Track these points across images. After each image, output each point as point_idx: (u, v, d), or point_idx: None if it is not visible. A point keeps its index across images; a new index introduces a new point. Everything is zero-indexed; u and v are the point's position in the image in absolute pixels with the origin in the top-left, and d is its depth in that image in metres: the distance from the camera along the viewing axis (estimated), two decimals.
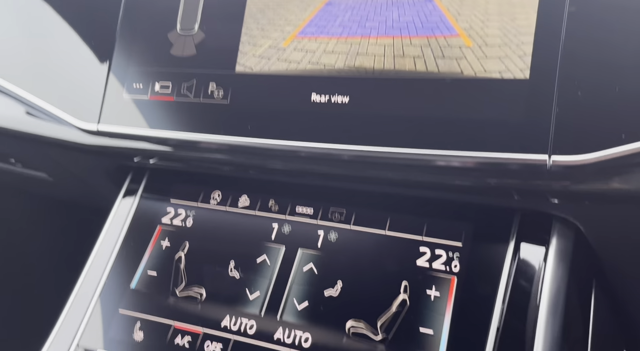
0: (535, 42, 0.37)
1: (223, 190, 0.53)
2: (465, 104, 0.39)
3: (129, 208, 0.55)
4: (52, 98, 0.54)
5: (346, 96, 0.43)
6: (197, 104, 0.48)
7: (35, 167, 0.72)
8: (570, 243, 0.42)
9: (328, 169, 0.44)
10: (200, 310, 0.46)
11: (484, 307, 0.40)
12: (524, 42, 0.38)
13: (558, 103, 0.36)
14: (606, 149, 0.34)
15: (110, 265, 0.52)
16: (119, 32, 0.52)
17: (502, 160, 0.37)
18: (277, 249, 0.47)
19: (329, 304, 0.43)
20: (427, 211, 0.45)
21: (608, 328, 0.51)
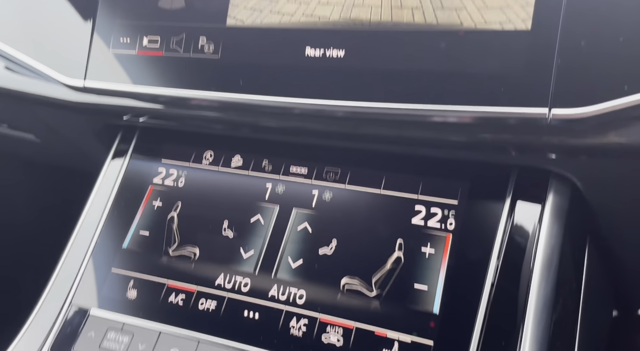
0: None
1: (215, 150, 0.51)
2: (464, 57, 0.38)
3: (119, 168, 0.54)
4: (36, 53, 0.52)
5: (341, 50, 0.41)
6: (187, 59, 0.46)
7: (22, 129, 0.71)
8: (566, 200, 0.42)
9: (322, 126, 0.43)
10: (193, 269, 0.46)
11: (479, 264, 0.40)
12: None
13: (560, 54, 0.35)
14: (608, 101, 0.34)
15: (101, 225, 0.51)
16: None
17: (501, 114, 0.36)
18: (271, 208, 0.47)
19: (324, 262, 0.43)
20: (423, 169, 0.44)
21: (599, 284, 0.51)
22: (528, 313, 0.38)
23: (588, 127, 0.35)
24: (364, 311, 0.40)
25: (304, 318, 0.41)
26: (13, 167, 0.87)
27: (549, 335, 0.38)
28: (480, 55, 0.37)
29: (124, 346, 0.43)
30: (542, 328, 0.38)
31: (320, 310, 0.41)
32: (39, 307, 0.48)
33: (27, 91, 0.55)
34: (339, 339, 0.40)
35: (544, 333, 0.38)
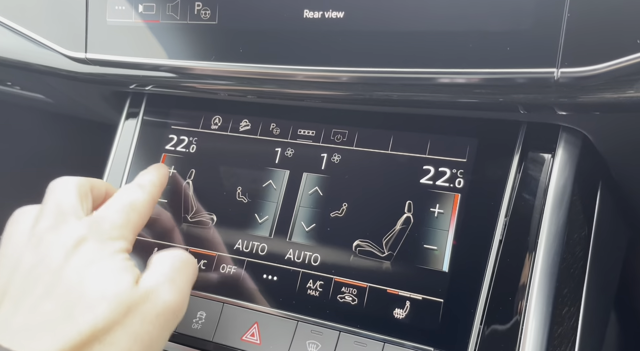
0: None
1: (223, 114, 0.52)
2: (469, 14, 0.36)
3: (132, 136, 0.55)
4: (38, 27, 0.52)
5: (341, 11, 0.40)
6: (184, 25, 0.45)
7: (34, 91, 0.71)
8: (577, 150, 0.41)
9: (326, 92, 0.43)
10: (212, 234, 0.48)
11: (487, 221, 0.40)
12: None
13: (570, 7, 0.33)
14: (620, 58, 0.32)
15: None
16: None
17: (509, 75, 0.35)
18: (282, 173, 0.48)
19: (336, 225, 0.44)
20: (431, 128, 0.44)
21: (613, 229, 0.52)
22: (536, 262, 0.39)
23: (599, 84, 0.34)
24: (376, 271, 0.42)
25: (319, 280, 0.43)
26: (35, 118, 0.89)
27: (557, 284, 0.40)
28: (486, 11, 0.35)
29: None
30: (549, 277, 0.39)
31: (334, 272, 0.43)
32: None
33: (32, 62, 0.55)
34: (353, 299, 0.42)
35: (551, 283, 0.39)
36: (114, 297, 0.34)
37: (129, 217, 0.40)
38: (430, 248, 0.41)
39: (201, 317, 0.45)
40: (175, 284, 0.38)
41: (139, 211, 0.41)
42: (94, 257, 0.36)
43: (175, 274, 0.38)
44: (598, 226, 0.46)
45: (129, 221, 0.40)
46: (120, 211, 0.40)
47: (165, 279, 0.37)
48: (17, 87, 0.72)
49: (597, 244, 0.45)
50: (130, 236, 0.40)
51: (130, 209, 0.40)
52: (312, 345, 0.42)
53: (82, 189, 0.41)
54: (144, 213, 0.42)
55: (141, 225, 0.42)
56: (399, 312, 0.40)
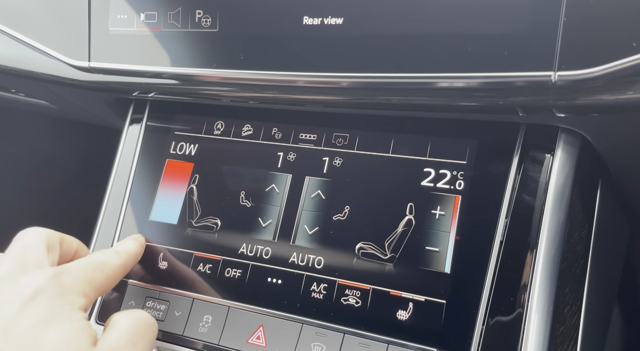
0: None
1: (225, 120, 0.52)
2: (467, 17, 0.36)
3: (136, 142, 0.56)
4: (42, 36, 0.53)
5: (340, 17, 0.40)
6: (185, 33, 0.46)
7: (38, 97, 0.72)
8: (576, 151, 0.42)
9: (327, 97, 0.43)
10: (217, 239, 0.49)
11: (488, 222, 0.41)
12: None
13: (566, 11, 0.34)
14: (615, 61, 0.32)
15: (126, 200, 0.54)
16: None
17: (507, 78, 0.36)
18: (285, 177, 0.48)
19: (338, 227, 0.45)
20: (431, 130, 0.44)
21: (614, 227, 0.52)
22: (537, 261, 0.40)
23: (596, 86, 0.34)
24: (379, 273, 0.42)
25: (323, 282, 0.44)
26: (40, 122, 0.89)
27: (558, 283, 0.40)
28: (483, 15, 0.36)
29: (162, 313, 0.47)
30: (550, 277, 0.40)
31: (337, 275, 0.43)
32: None
33: (37, 71, 0.56)
34: (357, 301, 0.42)
35: (552, 282, 0.40)
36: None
37: (94, 275, 0.38)
38: (432, 250, 0.42)
39: (207, 321, 0.46)
40: (135, 348, 0.36)
41: (107, 272, 0.40)
42: (50, 313, 0.34)
43: (137, 337, 0.36)
44: (598, 224, 0.46)
45: (93, 279, 0.38)
46: (86, 268, 0.38)
47: (127, 342, 0.35)
48: (22, 94, 0.73)
49: (597, 242, 0.46)
50: (91, 294, 0.37)
51: (98, 268, 0.39)
52: (317, 346, 0.42)
53: (51, 241, 0.40)
54: (111, 276, 0.40)
55: (106, 289, 0.40)
56: (402, 314, 0.41)
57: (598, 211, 0.46)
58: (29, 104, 0.77)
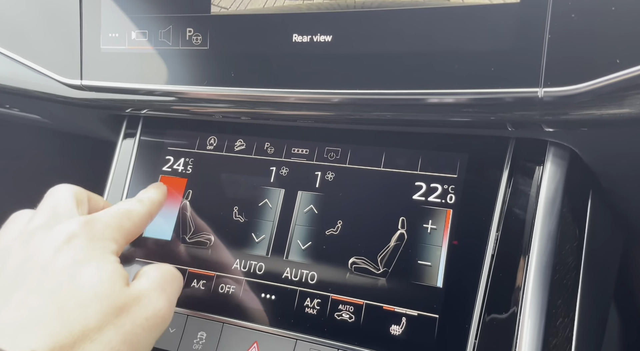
0: None
1: (218, 135, 0.52)
2: (453, 35, 0.37)
3: (130, 157, 0.56)
4: (33, 55, 0.53)
5: (329, 35, 0.40)
6: (177, 51, 0.46)
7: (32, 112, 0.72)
8: (565, 163, 0.42)
9: (318, 113, 0.43)
10: (210, 255, 0.49)
11: (480, 236, 0.41)
12: None
13: (551, 29, 0.34)
14: (600, 77, 0.33)
15: None
16: None
17: (494, 94, 0.36)
18: (277, 191, 0.48)
19: (331, 242, 0.45)
20: (422, 144, 0.45)
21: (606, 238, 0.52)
22: (528, 274, 0.40)
23: (581, 102, 0.35)
24: (372, 288, 0.42)
25: (317, 298, 0.44)
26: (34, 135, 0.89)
27: (550, 296, 0.40)
28: (469, 33, 0.36)
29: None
30: (542, 290, 0.40)
31: (331, 290, 0.44)
32: None
33: (30, 89, 0.56)
34: (350, 316, 0.42)
35: (544, 295, 0.40)
36: (107, 297, 0.34)
37: (122, 222, 0.41)
38: (424, 264, 0.42)
39: (202, 337, 0.46)
40: (165, 293, 0.38)
41: (134, 220, 0.42)
42: (85, 255, 0.36)
43: (166, 284, 0.39)
44: (590, 235, 0.47)
45: (122, 226, 0.40)
46: (114, 216, 0.41)
47: (157, 287, 0.38)
48: (16, 109, 0.73)
49: (589, 252, 0.46)
50: (121, 240, 0.40)
51: (125, 216, 0.41)
52: None
53: (80, 196, 0.42)
54: (138, 223, 0.43)
55: (134, 235, 0.42)
56: (395, 329, 0.41)
57: (589, 222, 0.47)
58: (23, 118, 0.77)
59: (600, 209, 0.50)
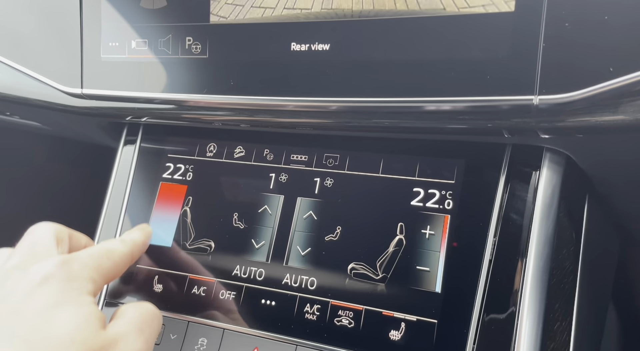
0: None
1: (218, 141, 0.53)
2: (449, 43, 0.37)
3: (130, 166, 0.56)
4: (35, 64, 0.53)
5: (327, 43, 0.41)
6: (176, 60, 0.47)
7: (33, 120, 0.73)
8: (561, 169, 0.43)
9: (317, 120, 0.44)
10: (211, 261, 0.49)
11: (477, 241, 0.42)
12: None
13: (545, 37, 0.35)
14: (594, 86, 0.33)
15: (121, 223, 0.54)
16: None
17: (490, 102, 0.36)
18: (277, 198, 0.49)
19: (331, 248, 0.45)
20: (420, 150, 0.45)
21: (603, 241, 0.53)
22: (525, 279, 0.41)
23: (576, 109, 0.35)
24: (371, 293, 0.43)
25: (316, 304, 0.44)
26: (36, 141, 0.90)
27: (547, 300, 0.41)
28: (465, 41, 0.37)
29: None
30: (539, 294, 0.40)
31: (330, 296, 0.44)
32: None
33: (31, 97, 0.57)
34: (350, 321, 0.43)
35: (541, 299, 0.40)
36: (82, 342, 0.33)
37: (101, 262, 0.39)
38: (423, 270, 0.42)
39: (202, 344, 0.46)
40: (143, 334, 0.37)
41: (114, 260, 0.41)
42: (60, 297, 0.35)
43: (144, 324, 0.38)
44: (587, 238, 0.47)
45: (100, 266, 0.39)
46: (93, 256, 0.39)
47: (134, 328, 0.37)
48: (17, 117, 0.74)
49: (586, 256, 0.47)
50: (99, 280, 0.38)
51: (105, 256, 0.40)
52: None
53: (60, 235, 0.41)
54: (118, 263, 0.41)
55: (114, 275, 0.41)
56: (394, 334, 0.41)
57: (586, 226, 0.47)
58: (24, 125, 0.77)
59: (597, 212, 0.50)
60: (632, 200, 0.49)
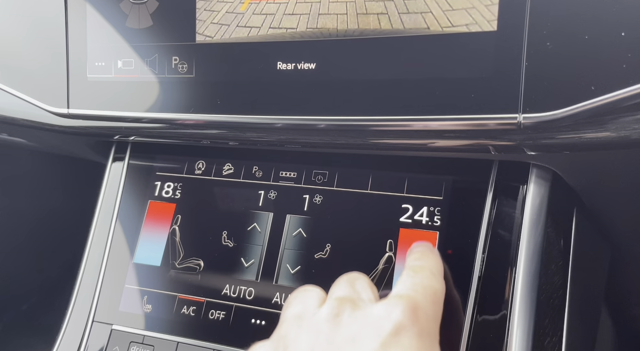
0: None
1: (206, 159, 0.53)
2: (433, 62, 0.37)
3: (118, 184, 0.56)
4: (20, 84, 0.53)
5: (312, 63, 0.41)
6: (162, 79, 0.46)
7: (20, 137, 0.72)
8: (548, 184, 0.43)
9: (305, 138, 0.44)
10: (200, 280, 0.49)
11: (466, 258, 0.42)
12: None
13: (527, 56, 0.35)
14: (576, 104, 0.34)
15: (109, 242, 0.54)
16: (70, 7, 0.49)
17: (475, 120, 0.37)
18: (266, 215, 0.49)
19: (320, 266, 0.45)
20: (408, 167, 0.45)
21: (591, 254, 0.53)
22: (514, 295, 0.41)
23: (561, 127, 0.35)
24: None
25: None
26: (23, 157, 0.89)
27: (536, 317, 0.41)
28: (449, 60, 0.37)
29: None
30: (528, 309, 0.41)
31: None
32: (65, 326, 0.52)
33: (17, 117, 0.56)
34: None
35: (530, 314, 0.40)
36: None
37: (437, 311, 0.34)
38: None
39: None
40: None
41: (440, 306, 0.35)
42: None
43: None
44: (576, 252, 0.47)
45: (437, 316, 0.34)
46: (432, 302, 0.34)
47: None
48: (4, 134, 0.73)
49: (576, 270, 0.47)
50: None
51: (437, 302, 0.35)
52: None
53: None
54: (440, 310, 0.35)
55: None
56: None
57: (574, 240, 0.47)
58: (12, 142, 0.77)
59: (585, 226, 0.51)
60: (620, 213, 0.50)
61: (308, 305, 0.34)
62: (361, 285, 0.35)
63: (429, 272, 0.36)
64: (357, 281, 0.36)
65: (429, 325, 0.32)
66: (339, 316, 0.31)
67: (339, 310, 0.32)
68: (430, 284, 0.35)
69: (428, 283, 0.35)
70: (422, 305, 0.32)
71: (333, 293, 0.34)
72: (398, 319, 0.30)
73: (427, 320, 0.32)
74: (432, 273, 0.36)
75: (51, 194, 0.94)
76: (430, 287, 0.34)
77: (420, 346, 0.30)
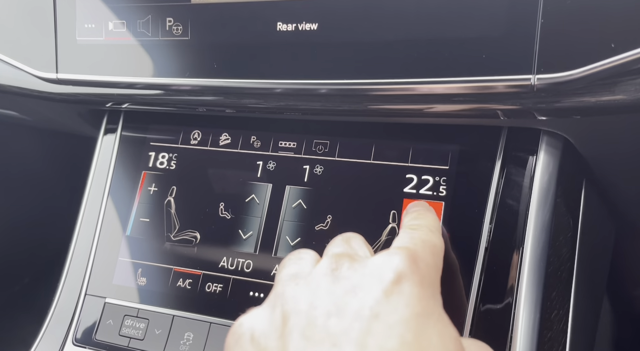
0: None
1: (202, 129, 0.51)
2: (443, 22, 0.35)
3: (111, 155, 0.54)
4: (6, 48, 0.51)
5: (314, 23, 0.39)
6: (156, 42, 0.44)
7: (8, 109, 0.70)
8: (558, 153, 0.41)
9: (305, 104, 0.42)
10: (196, 253, 0.47)
11: (473, 229, 0.40)
12: None
13: (543, 13, 0.33)
14: (594, 63, 0.32)
15: (102, 214, 0.52)
16: None
17: (486, 82, 0.35)
18: (265, 186, 0.47)
19: (321, 238, 0.44)
20: (412, 135, 0.43)
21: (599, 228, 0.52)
22: (522, 267, 0.39)
23: (576, 89, 0.34)
24: None
25: None
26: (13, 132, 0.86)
27: (544, 288, 0.39)
28: (460, 18, 0.35)
29: (141, 332, 0.46)
30: (536, 282, 0.39)
31: None
32: (56, 300, 0.50)
33: (3, 83, 0.54)
34: None
35: (538, 288, 0.39)
36: None
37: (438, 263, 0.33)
38: None
39: (188, 338, 0.44)
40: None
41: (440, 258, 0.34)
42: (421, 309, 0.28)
43: None
44: (584, 225, 0.46)
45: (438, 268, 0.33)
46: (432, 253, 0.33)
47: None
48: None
49: (583, 243, 0.45)
50: None
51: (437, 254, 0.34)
52: None
53: None
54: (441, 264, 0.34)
55: None
56: None
57: (583, 212, 0.46)
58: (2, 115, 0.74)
59: (594, 199, 0.49)
60: (629, 185, 0.48)
61: (303, 265, 0.33)
62: (357, 243, 0.35)
63: (427, 229, 0.35)
64: (352, 239, 0.35)
65: (430, 273, 0.31)
66: (338, 270, 0.30)
67: (337, 265, 0.31)
68: (429, 238, 0.34)
69: (426, 237, 0.34)
70: (422, 256, 0.31)
71: (329, 251, 0.33)
72: (399, 267, 0.29)
73: (428, 269, 0.31)
74: (430, 230, 0.35)
75: (43, 171, 0.92)
76: (429, 241, 0.34)
77: (422, 294, 0.29)
